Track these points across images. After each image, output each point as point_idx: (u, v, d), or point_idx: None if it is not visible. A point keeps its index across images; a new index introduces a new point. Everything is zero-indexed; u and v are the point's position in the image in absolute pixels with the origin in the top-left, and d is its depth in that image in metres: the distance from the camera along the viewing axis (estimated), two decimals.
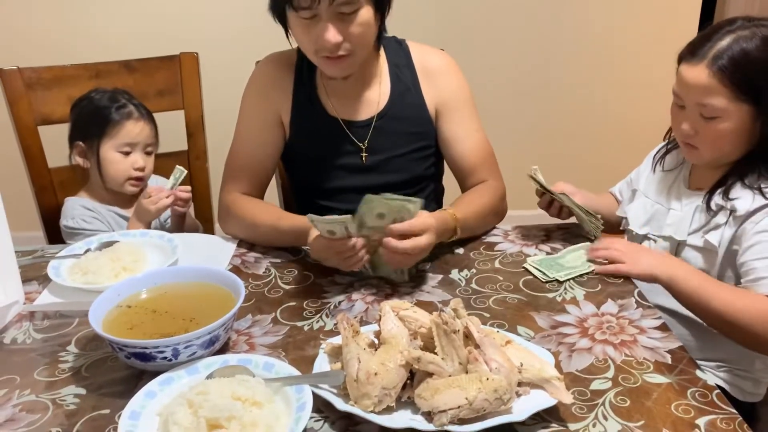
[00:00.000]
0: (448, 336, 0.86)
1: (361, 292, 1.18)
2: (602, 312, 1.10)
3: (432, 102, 1.46)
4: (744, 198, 1.16)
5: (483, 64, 2.82)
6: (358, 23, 1.27)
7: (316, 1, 1.21)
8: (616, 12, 2.85)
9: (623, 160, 1.51)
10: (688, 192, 1.27)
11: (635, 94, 2.95)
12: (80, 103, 1.61)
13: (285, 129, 1.47)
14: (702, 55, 1.13)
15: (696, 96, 1.15)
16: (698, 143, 1.19)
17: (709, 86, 1.12)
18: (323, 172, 1.47)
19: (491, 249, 1.33)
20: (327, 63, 1.32)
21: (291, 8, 1.25)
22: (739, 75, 1.10)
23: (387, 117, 1.44)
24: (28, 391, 0.94)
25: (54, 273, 1.20)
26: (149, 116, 1.62)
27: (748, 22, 1.14)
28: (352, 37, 1.27)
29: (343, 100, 1.44)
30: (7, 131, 1.71)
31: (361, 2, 1.25)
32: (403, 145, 1.46)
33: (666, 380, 0.92)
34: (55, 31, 2.68)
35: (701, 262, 1.22)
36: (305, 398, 0.83)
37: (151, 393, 0.87)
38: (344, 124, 1.44)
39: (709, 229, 1.20)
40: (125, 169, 1.58)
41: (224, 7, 2.68)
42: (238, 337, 1.05)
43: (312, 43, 1.29)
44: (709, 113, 1.15)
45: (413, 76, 1.45)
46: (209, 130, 1.85)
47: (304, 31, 1.28)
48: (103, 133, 1.56)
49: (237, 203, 1.41)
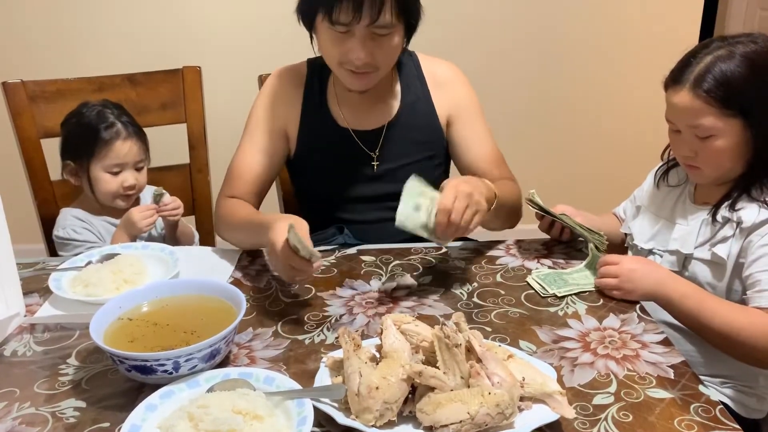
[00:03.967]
0: (450, 350, 0.86)
1: (363, 305, 1.18)
2: (604, 326, 1.09)
3: (443, 111, 1.48)
4: (750, 210, 1.17)
5: (486, 83, 2.83)
6: (389, 45, 1.31)
7: (356, 21, 1.24)
8: (619, 27, 2.86)
9: (625, 180, 1.51)
10: (694, 207, 1.27)
11: (637, 112, 2.96)
12: (69, 120, 1.60)
13: (290, 143, 1.49)
14: (684, 80, 1.17)
15: (686, 119, 1.18)
16: (699, 163, 1.21)
17: (696, 108, 1.15)
18: (334, 182, 1.49)
19: (493, 263, 1.33)
20: (351, 77, 1.34)
21: (328, 21, 1.26)
22: (722, 92, 1.13)
23: (398, 126, 1.46)
24: (27, 404, 0.93)
25: (55, 285, 1.20)
26: (138, 133, 1.61)
27: (722, 42, 1.17)
28: (380, 58, 1.31)
29: (354, 111, 1.47)
30: (9, 144, 1.71)
31: (395, 27, 1.29)
32: (413, 154, 1.48)
33: (669, 395, 0.92)
34: (59, 44, 2.70)
35: (709, 276, 1.22)
36: (306, 412, 0.83)
37: (152, 406, 0.87)
38: (354, 133, 1.45)
39: (716, 242, 1.20)
40: (115, 188, 1.58)
41: (227, 22, 2.70)
42: (239, 351, 1.05)
43: (339, 56, 1.31)
44: (703, 133, 1.17)
45: (423, 86, 1.49)
46: (211, 143, 1.86)
47: (334, 43, 1.30)
48: (91, 154, 1.55)
49: (225, 206, 1.43)
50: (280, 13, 1.58)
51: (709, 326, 1.11)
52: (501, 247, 1.40)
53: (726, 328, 1.10)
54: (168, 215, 1.60)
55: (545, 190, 1.37)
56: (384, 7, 1.24)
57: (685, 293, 1.14)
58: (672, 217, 1.30)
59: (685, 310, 1.13)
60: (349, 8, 1.23)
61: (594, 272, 1.24)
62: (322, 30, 1.32)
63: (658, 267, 1.20)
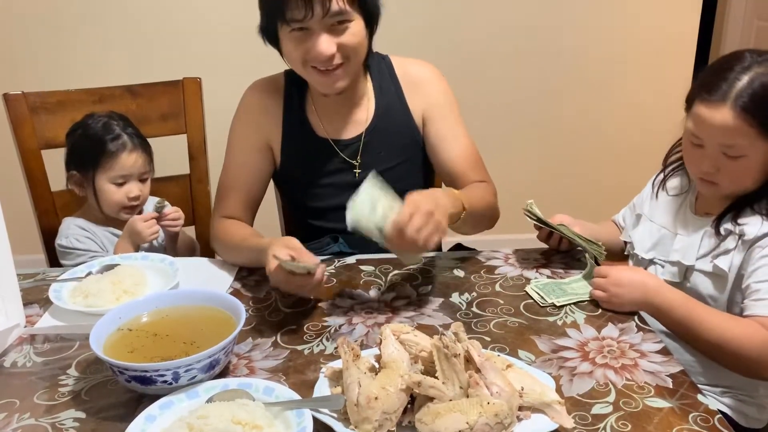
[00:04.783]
0: (448, 360, 0.86)
1: (362, 315, 1.18)
2: (603, 336, 1.09)
3: (418, 111, 1.48)
4: (753, 223, 1.17)
5: (477, 90, 2.84)
6: (350, 34, 1.29)
7: (309, 14, 1.24)
8: (617, 36, 2.88)
9: (624, 188, 1.52)
10: (695, 217, 1.27)
11: (637, 119, 2.97)
12: (75, 131, 1.62)
13: (275, 154, 1.50)
14: (722, 95, 1.12)
15: (721, 138, 1.14)
16: (719, 180, 1.18)
17: (735, 127, 1.11)
18: (316, 192, 1.49)
19: (492, 272, 1.33)
20: (320, 76, 1.33)
21: (283, 22, 1.27)
22: (764, 113, 1.10)
23: (375, 131, 1.46)
24: (27, 415, 0.93)
25: (55, 296, 1.20)
26: (143, 144, 1.62)
27: (759, 57, 1.13)
28: (345, 48, 1.30)
29: (332, 121, 1.47)
30: (10, 155, 1.72)
31: (353, 15, 1.28)
32: (393, 158, 1.48)
33: (667, 404, 0.92)
34: (59, 55, 2.71)
35: (710, 287, 1.22)
36: (305, 422, 0.83)
37: (151, 417, 0.87)
38: (334, 143, 1.46)
39: (718, 254, 1.20)
40: (120, 199, 1.59)
41: (227, 33, 2.72)
42: (238, 361, 1.05)
43: (303, 55, 1.30)
44: (735, 152, 1.14)
45: (397, 88, 1.48)
46: (211, 153, 1.87)
47: (296, 45, 1.30)
48: (97, 165, 1.57)
49: (218, 227, 1.44)
50: None
51: (699, 336, 1.12)
52: (500, 256, 1.40)
53: (715, 338, 1.10)
54: (169, 225, 1.61)
55: (544, 198, 1.37)
56: None
57: (673, 304, 1.14)
58: (673, 227, 1.30)
59: (675, 320, 1.14)
60: (299, 4, 1.23)
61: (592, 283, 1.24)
62: (284, 38, 1.31)
63: (646, 278, 1.18)
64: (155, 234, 1.57)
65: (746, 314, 1.13)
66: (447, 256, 1.41)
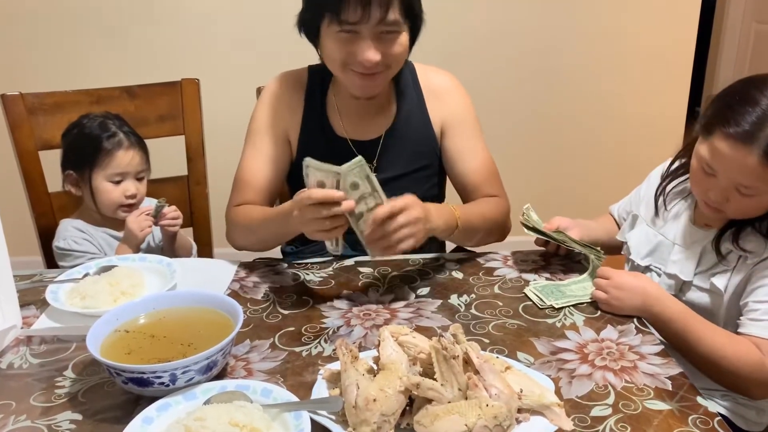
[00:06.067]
0: (447, 362, 0.86)
1: (360, 317, 1.18)
2: (602, 338, 1.09)
3: (437, 120, 1.48)
4: (755, 243, 1.16)
5: (476, 91, 2.84)
6: (398, 44, 1.30)
7: (365, 19, 1.23)
8: (614, 40, 2.88)
9: (624, 190, 1.51)
10: (694, 228, 1.26)
11: (635, 124, 2.97)
12: (71, 131, 1.61)
13: (292, 148, 1.49)
14: (748, 137, 1.05)
15: (739, 177, 1.09)
16: (726, 209, 1.16)
17: (758, 173, 1.07)
18: None
19: (491, 274, 1.33)
20: (360, 80, 1.33)
21: (336, 22, 1.26)
22: None
23: (394, 135, 1.46)
24: (23, 417, 0.93)
25: (52, 297, 1.20)
26: (139, 143, 1.62)
27: None
28: (389, 57, 1.31)
29: (353, 121, 1.47)
30: (7, 156, 1.72)
31: (403, 27, 1.29)
32: (410, 164, 1.48)
33: (667, 407, 0.91)
34: (57, 56, 2.71)
35: (707, 304, 1.21)
36: (303, 424, 0.83)
37: (149, 419, 0.86)
38: (352, 143, 1.46)
39: (716, 272, 1.20)
40: (117, 198, 1.58)
41: (226, 34, 2.71)
42: (236, 363, 1.04)
43: (346, 57, 1.30)
44: (749, 192, 1.10)
45: (419, 95, 1.48)
46: (209, 155, 1.86)
47: (341, 46, 1.29)
48: (94, 164, 1.56)
49: (237, 213, 1.42)
50: (278, 25, 1.59)
51: (694, 350, 1.12)
52: (499, 258, 1.40)
53: (710, 354, 1.10)
54: (168, 224, 1.60)
55: (543, 199, 1.37)
56: (391, 5, 1.24)
57: (672, 316, 1.14)
58: (671, 236, 1.29)
59: (671, 332, 1.14)
60: (357, 7, 1.23)
61: (591, 284, 1.24)
62: (327, 35, 1.31)
63: (647, 285, 1.17)
64: (148, 230, 1.56)
65: (741, 331, 1.13)
66: (446, 258, 1.40)
